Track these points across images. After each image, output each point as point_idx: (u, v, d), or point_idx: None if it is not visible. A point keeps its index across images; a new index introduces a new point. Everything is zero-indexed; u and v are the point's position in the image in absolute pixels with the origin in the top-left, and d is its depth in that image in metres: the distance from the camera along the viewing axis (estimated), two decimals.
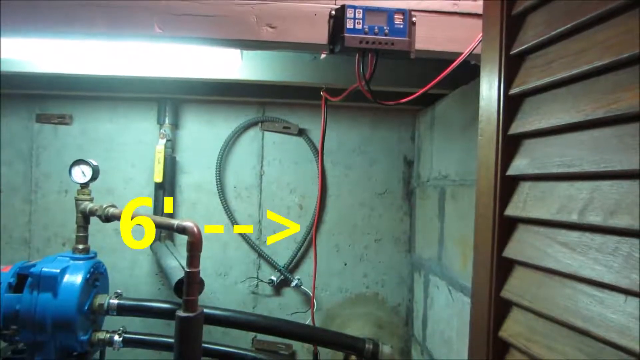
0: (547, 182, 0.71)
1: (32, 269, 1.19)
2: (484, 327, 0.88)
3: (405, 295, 1.79)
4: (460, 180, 1.33)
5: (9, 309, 1.17)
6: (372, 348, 1.39)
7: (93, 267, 1.27)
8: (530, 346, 0.76)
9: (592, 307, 0.63)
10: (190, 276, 1.03)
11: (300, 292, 1.74)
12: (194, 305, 1.03)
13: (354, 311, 1.77)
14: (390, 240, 1.78)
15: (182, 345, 1.02)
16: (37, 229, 1.73)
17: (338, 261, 1.77)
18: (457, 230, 1.33)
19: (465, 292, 1.23)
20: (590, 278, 0.63)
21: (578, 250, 0.64)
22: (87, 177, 1.31)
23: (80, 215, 1.31)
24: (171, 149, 1.70)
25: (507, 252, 0.80)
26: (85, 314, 1.23)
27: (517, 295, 0.79)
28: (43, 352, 1.18)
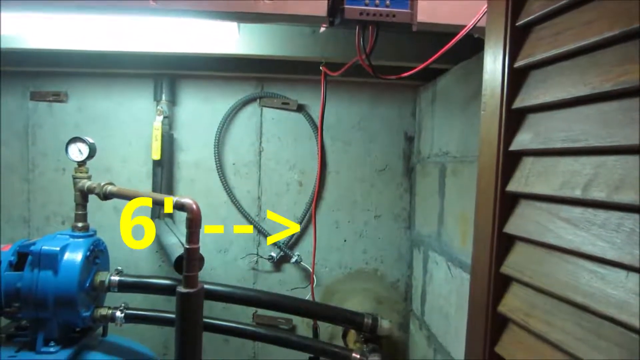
0: (551, 157, 0.70)
1: (32, 247, 1.19)
2: (483, 302, 0.88)
3: (405, 271, 1.80)
4: (461, 157, 1.32)
5: (10, 287, 1.18)
6: (371, 322, 1.40)
7: (93, 245, 1.26)
8: (529, 321, 0.77)
9: (593, 283, 0.63)
10: (190, 253, 1.03)
11: (300, 268, 1.75)
12: (194, 281, 1.03)
13: (353, 287, 1.78)
14: (390, 217, 1.78)
15: (183, 320, 1.02)
16: (36, 207, 1.72)
17: (337, 237, 1.77)
18: (457, 207, 1.33)
19: (465, 268, 1.24)
20: (592, 254, 0.62)
21: (581, 226, 0.64)
22: (83, 155, 1.30)
23: (78, 194, 1.30)
24: (168, 126, 1.69)
25: (508, 227, 0.80)
26: (87, 290, 1.23)
27: (517, 271, 0.80)
28: (46, 329, 1.18)
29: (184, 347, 1.03)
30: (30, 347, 1.18)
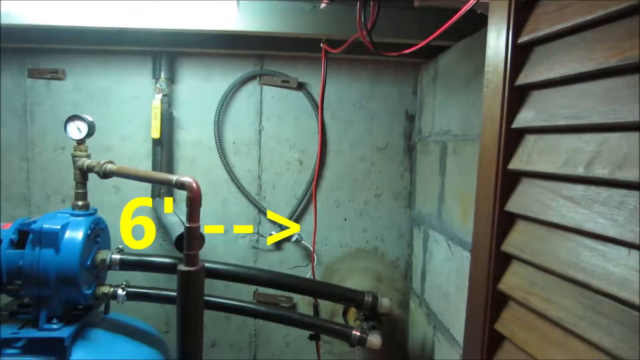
0: (554, 134, 0.69)
1: (33, 226, 1.19)
2: (483, 280, 0.88)
3: (405, 250, 1.81)
4: (462, 135, 1.31)
5: (12, 265, 1.18)
6: (371, 300, 1.41)
7: (94, 223, 1.27)
8: (529, 298, 0.77)
9: (593, 261, 0.63)
10: (190, 231, 1.03)
11: (300, 246, 1.76)
12: (195, 260, 1.03)
13: (353, 265, 1.79)
14: (390, 196, 1.78)
15: (184, 298, 1.03)
16: (36, 186, 1.72)
17: (338, 216, 1.77)
18: (458, 186, 1.33)
19: (465, 247, 1.24)
20: (593, 232, 0.62)
21: (582, 203, 0.63)
22: (82, 133, 1.29)
23: (78, 172, 1.29)
24: (168, 104, 1.67)
25: (510, 206, 0.80)
26: (88, 269, 1.24)
27: (517, 249, 0.80)
28: (48, 306, 1.19)
29: (186, 325, 1.04)
30: (33, 324, 1.20)
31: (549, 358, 0.72)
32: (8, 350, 1.14)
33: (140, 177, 1.22)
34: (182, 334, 1.04)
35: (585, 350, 0.65)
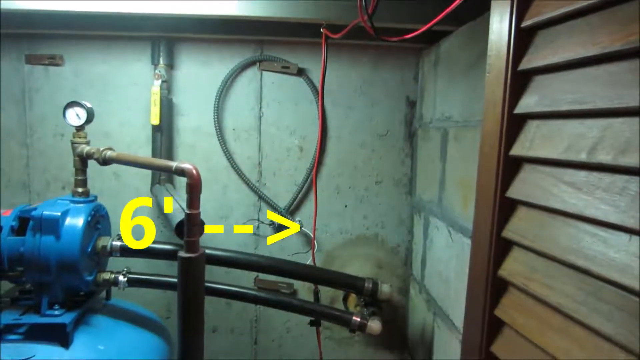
0: (556, 120, 0.68)
1: (33, 213, 1.19)
2: (483, 266, 0.88)
3: (405, 237, 1.81)
4: (463, 122, 1.31)
5: (13, 252, 1.18)
6: (372, 287, 1.42)
7: (94, 210, 1.26)
8: (530, 284, 0.77)
9: (594, 247, 0.63)
10: (190, 218, 1.03)
11: (300, 233, 1.76)
12: (195, 246, 1.03)
13: (354, 252, 1.80)
14: (391, 182, 1.78)
15: (184, 284, 1.03)
16: (36, 172, 1.72)
17: (338, 203, 1.77)
18: (459, 172, 1.32)
19: (465, 234, 1.24)
20: (595, 218, 0.62)
21: (584, 190, 0.63)
22: (81, 119, 1.28)
23: (77, 159, 1.29)
24: (167, 90, 1.66)
25: (511, 192, 0.79)
26: (89, 255, 1.24)
27: (518, 235, 0.79)
28: (50, 292, 1.20)
29: (186, 311, 1.04)
30: (35, 310, 1.20)
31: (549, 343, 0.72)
32: (10, 336, 1.15)
33: (139, 163, 1.22)
34: (183, 320, 1.04)
35: (586, 336, 0.65)
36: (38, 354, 1.10)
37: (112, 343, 1.22)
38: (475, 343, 0.92)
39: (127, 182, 1.71)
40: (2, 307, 1.23)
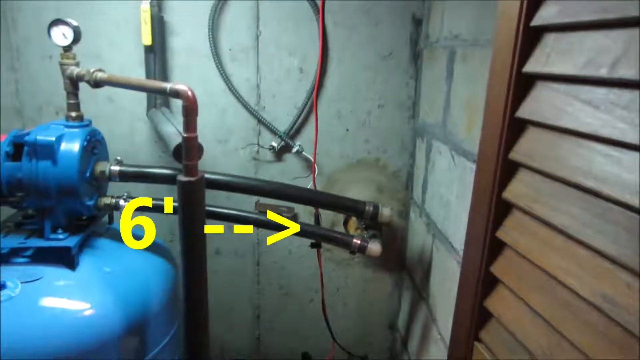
0: (577, 32, 0.63)
1: (27, 137, 1.16)
2: (487, 188, 0.87)
3: (407, 161, 1.79)
4: (472, 40, 1.24)
5: (11, 177, 1.17)
6: (372, 210, 1.42)
7: (89, 135, 1.24)
8: (535, 207, 0.76)
9: (607, 168, 0.61)
10: (188, 141, 1.01)
11: (301, 157, 1.74)
12: (194, 170, 1.02)
13: (354, 176, 1.79)
14: (394, 106, 1.73)
15: (185, 208, 1.03)
16: (27, 98, 1.66)
17: (339, 127, 1.74)
18: (465, 94, 1.28)
19: (468, 157, 1.22)
20: (610, 137, 0.59)
21: (602, 107, 0.60)
22: (68, 39, 1.21)
23: (67, 81, 1.24)
24: (157, 7, 1.56)
25: (522, 111, 0.76)
26: (88, 180, 1.23)
27: (526, 157, 0.77)
28: (52, 217, 1.20)
29: (188, 234, 1.05)
30: (39, 234, 1.21)
31: (549, 264, 0.72)
32: (17, 259, 1.17)
33: (132, 85, 1.17)
34: (185, 243, 1.05)
35: (588, 257, 0.65)
36: (45, 276, 1.12)
37: (117, 265, 1.24)
38: (475, 263, 0.93)
39: (122, 106, 1.66)
40: (6, 231, 1.24)
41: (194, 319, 1.11)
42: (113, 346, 1.11)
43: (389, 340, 2.02)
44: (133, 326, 1.14)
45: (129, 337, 1.14)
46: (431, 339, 1.48)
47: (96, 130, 1.29)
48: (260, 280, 1.89)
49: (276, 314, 1.94)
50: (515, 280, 0.82)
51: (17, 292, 1.06)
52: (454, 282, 1.18)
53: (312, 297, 1.92)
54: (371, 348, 2.01)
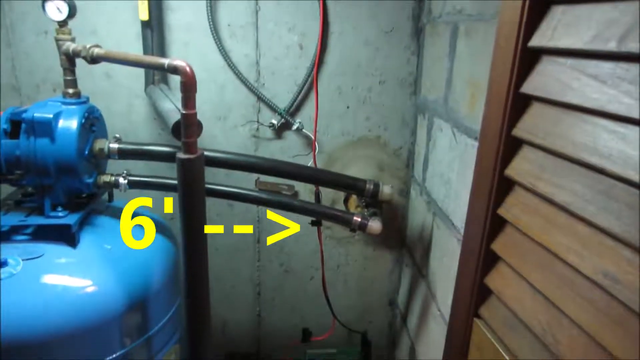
0: (585, 4, 0.62)
1: (24, 115, 1.14)
2: (490, 165, 0.86)
3: (408, 139, 1.78)
4: (476, 15, 1.21)
5: (10, 155, 1.16)
6: (373, 188, 1.42)
7: (87, 112, 1.22)
8: (537, 184, 0.76)
9: (612, 144, 0.60)
10: (186, 118, 0.99)
11: (301, 135, 1.73)
12: (194, 147, 1.01)
13: (355, 154, 1.78)
14: (395, 82, 1.71)
15: (185, 186, 1.02)
16: (23, 75, 1.64)
17: (340, 104, 1.72)
18: (468, 71, 1.26)
19: (470, 134, 1.20)
20: (616, 113, 0.58)
21: (609, 82, 0.59)
22: (63, 13, 1.18)
23: (64, 57, 1.22)
24: None
25: (526, 87, 0.75)
26: (87, 158, 1.22)
27: (530, 133, 0.76)
28: (51, 195, 1.20)
29: (188, 212, 1.05)
30: (39, 212, 1.21)
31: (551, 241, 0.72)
32: (18, 237, 1.17)
33: (130, 61, 1.15)
34: (185, 220, 1.05)
35: (591, 234, 0.65)
36: (46, 254, 1.12)
37: (118, 242, 1.24)
38: (476, 241, 0.93)
39: (120, 83, 1.64)
40: (6, 209, 1.24)
41: (195, 296, 1.11)
42: (115, 323, 1.12)
43: (389, 316, 2.04)
44: (135, 303, 1.15)
45: (131, 314, 1.15)
46: (430, 316, 1.50)
47: (94, 107, 1.27)
48: (261, 257, 1.90)
49: (277, 291, 1.96)
50: (516, 257, 0.82)
51: (18, 269, 1.06)
52: (454, 260, 1.18)
53: (313, 275, 1.93)
54: (371, 324, 2.03)
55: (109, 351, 1.11)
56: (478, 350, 0.96)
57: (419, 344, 1.63)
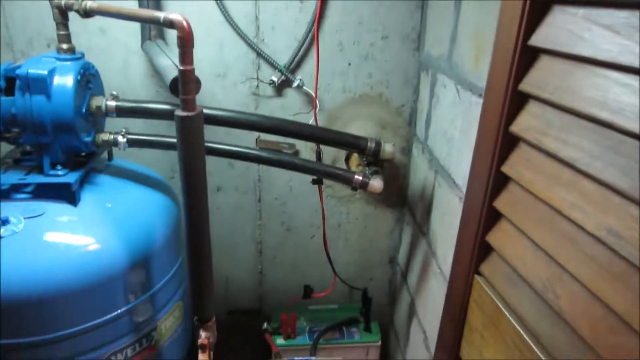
0: None
1: (18, 71, 1.12)
2: (495, 121, 0.85)
3: (410, 96, 1.75)
4: None
5: (6, 112, 1.14)
6: (374, 146, 1.40)
7: (83, 68, 1.19)
8: (543, 140, 0.74)
9: (623, 98, 0.58)
10: (184, 74, 0.97)
11: (302, 92, 1.70)
12: (192, 104, 0.99)
13: (356, 112, 1.75)
14: (398, 38, 1.66)
15: (184, 144, 1.01)
16: (16, 30, 1.59)
17: (341, 60, 1.67)
18: (473, 25, 1.21)
19: (474, 91, 1.18)
20: (629, 65, 0.56)
21: (623, 32, 0.56)
22: None
23: (56, 11, 1.17)
24: None
25: (535, 39, 0.72)
26: (84, 116, 1.20)
27: (537, 88, 0.74)
28: (50, 153, 1.18)
29: (189, 170, 1.04)
30: (39, 170, 1.20)
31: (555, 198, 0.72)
32: (18, 195, 1.17)
33: (124, 15, 1.11)
34: (186, 179, 1.04)
35: (595, 190, 0.64)
36: (48, 212, 1.12)
37: (119, 201, 1.24)
38: (478, 198, 0.93)
39: (116, 38, 1.59)
40: (5, 167, 1.23)
41: (197, 254, 1.12)
42: (119, 280, 1.13)
43: (389, 274, 2.07)
44: (138, 260, 1.16)
45: (134, 271, 1.16)
46: (431, 273, 1.52)
47: (90, 64, 1.24)
48: (262, 216, 1.91)
49: (278, 249, 1.98)
50: (518, 214, 0.82)
51: (20, 227, 1.07)
52: (455, 218, 1.18)
53: (314, 233, 1.95)
54: (371, 281, 2.07)
55: (114, 307, 1.13)
56: (478, 306, 0.97)
57: (419, 300, 1.66)
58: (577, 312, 0.66)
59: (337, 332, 1.85)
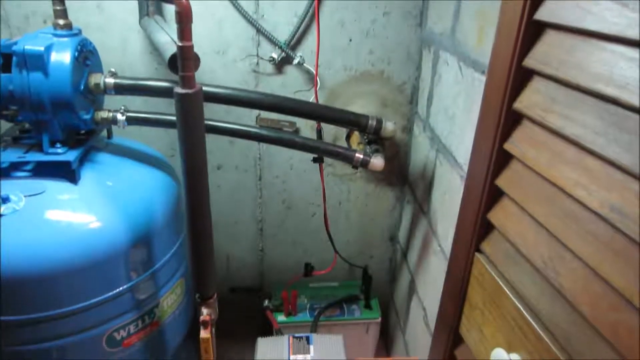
0: None
1: (14, 47, 1.10)
2: (498, 98, 0.83)
3: (412, 74, 1.73)
4: None
5: (3, 89, 1.13)
6: (375, 124, 1.39)
7: (80, 44, 1.17)
8: (547, 116, 0.73)
9: (629, 73, 0.57)
10: (183, 51, 0.95)
11: (302, 70, 1.68)
12: (191, 82, 0.97)
13: (358, 89, 1.73)
14: (400, 13, 1.63)
15: (184, 121, 1.00)
16: (11, 5, 1.56)
17: (342, 37, 1.65)
18: (477, 1, 1.19)
19: (477, 68, 1.16)
20: (636, 38, 0.55)
21: (631, 5, 0.55)
22: None
23: None
24: None
25: (541, 13, 0.70)
26: (83, 93, 1.19)
27: (542, 63, 0.73)
28: (49, 131, 1.18)
29: (188, 148, 1.03)
30: (38, 149, 1.20)
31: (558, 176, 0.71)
32: (18, 173, 1.16)
33: None
34: (186, 157, 1.03)
35: (599, 167, 0.63)
36: (48, 190, 1.12)
37: (119, 179, 1.24)
38: (480, 177, 0.92)
39: (113, 14, 1.57)
40: (4, 145, 1.23)
41: (198, 231, 1.12)
42: (120, 258, 1.14)
43: (389, 252, 2.08)
44: (139, 238, 1.17)
45: (136, 249, 1.16)
46: (431, 250, 1.52)
47: (87, 40, 1.22)
48: (263, 194, 1.91)
49: (279, 227, 1.98)
50: (520, 192, 0.82)
51: (21, 205, 1.06)
52: (456, 196, 1.18)
53: (314, 211, 1.95)
54: (372, 259, 2.08)
55: (116, 285, 1.14)
56: (478, 283, 0.98)
57: (419, 278, 1.67)
58: (577, 290, 0.66)
59: (338, 309, 1.87)
